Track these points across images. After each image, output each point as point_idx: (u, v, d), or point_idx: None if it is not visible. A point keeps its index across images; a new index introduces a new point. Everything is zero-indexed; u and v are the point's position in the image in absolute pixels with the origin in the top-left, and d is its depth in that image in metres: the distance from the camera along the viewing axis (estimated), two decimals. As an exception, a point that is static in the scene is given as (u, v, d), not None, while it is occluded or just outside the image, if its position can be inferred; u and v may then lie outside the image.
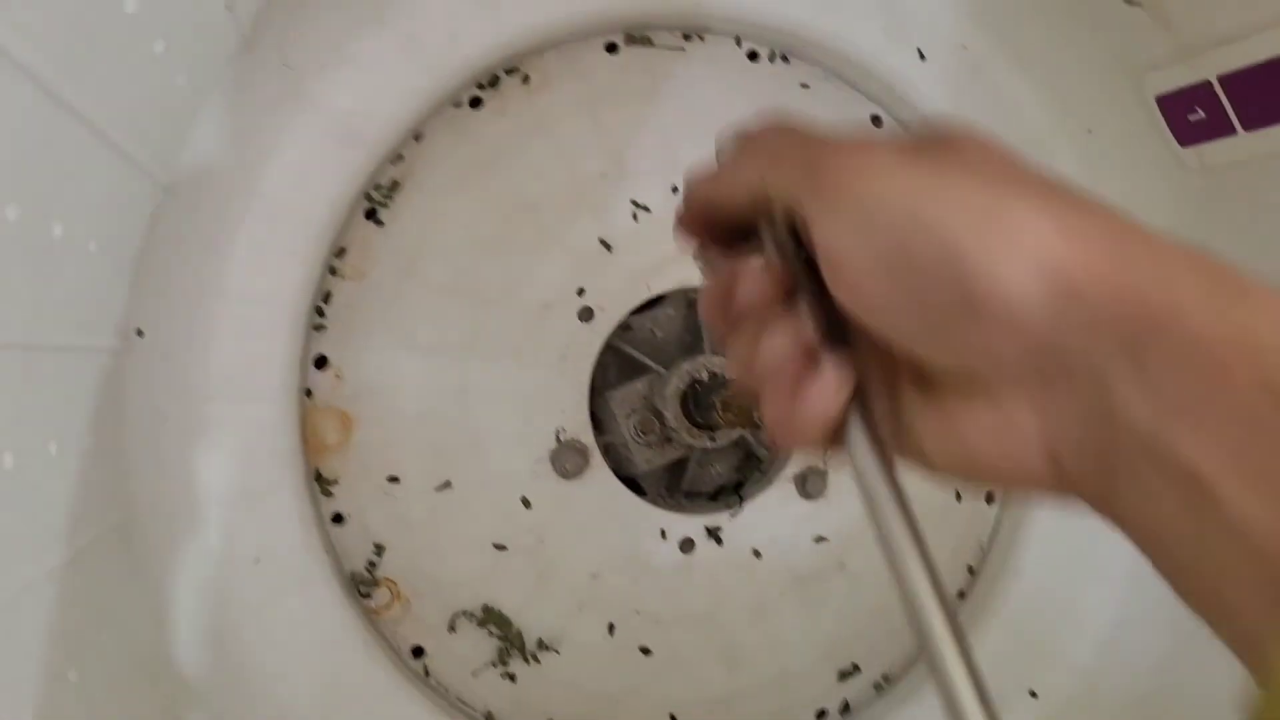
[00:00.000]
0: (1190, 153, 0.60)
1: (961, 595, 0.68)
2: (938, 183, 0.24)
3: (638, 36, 0.64)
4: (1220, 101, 0.56)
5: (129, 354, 0.49)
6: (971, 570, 0.69)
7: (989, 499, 0.69)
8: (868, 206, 0.25)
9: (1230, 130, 0.57)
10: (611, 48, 0.64)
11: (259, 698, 0.55)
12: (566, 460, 0.60)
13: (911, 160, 0.25)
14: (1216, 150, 0.58)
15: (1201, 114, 0.58)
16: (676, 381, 0.61)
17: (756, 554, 0.64)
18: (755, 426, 0.53)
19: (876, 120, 0.68)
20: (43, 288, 0.38)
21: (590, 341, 0.61)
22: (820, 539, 0.65)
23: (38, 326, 0.38)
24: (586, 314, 0.61)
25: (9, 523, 0.37)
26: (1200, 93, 0.57)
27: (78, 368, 0.44)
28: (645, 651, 0.62)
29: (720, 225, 0.31)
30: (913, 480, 0.26)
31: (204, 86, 0.48)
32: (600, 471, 0.61)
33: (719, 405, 0.56)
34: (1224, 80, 0.55)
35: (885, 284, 0.24)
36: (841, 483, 0.65)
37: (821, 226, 0.26)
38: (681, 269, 0.63)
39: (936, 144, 0.26)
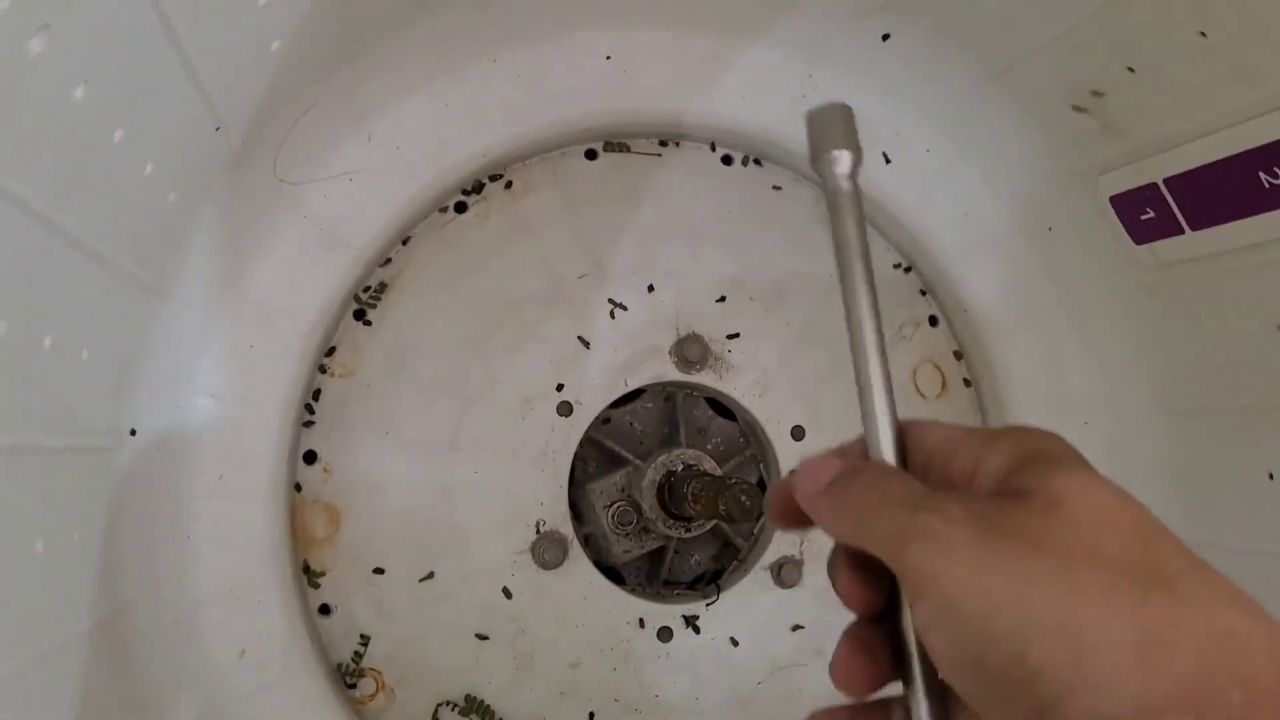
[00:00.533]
0: (1144, 250, 0.62)
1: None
2: (1014, 583, 0.23)
3: (616, 144, 0.67)
4: (1167, 202, 0.59)
5: (121, 453, 0.51)
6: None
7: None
8: (945, 610, 0.24)
9: (1179, 230, 0.59)
10: (591, 154, 0.67)
11: (244, 788, 0.56)
12: (546, 551, 0.62)
13: (989, 544, 0.24)
14: (1168, 249, 0.61)
15: (1151, 214, 0.60)
16: (652, 474, 0.63)
17: (734, 642, 0.65)
18: (724, 518, 0.55)
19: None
20: (32, 395, 0.41)
21: (569, 435, 0.63)
22: (797, 627, 0.66)
23: (26, 430, 0.40)
24: (565, 409, 0.63)
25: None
26: (1148, 194, 0.60)
27: (67, 468, 0.46)
28: (625, 740, 0.64)
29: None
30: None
31: (195, 200, 0.51)
32: (579, 562, 0.63)
33: (689, 496, 0.58)
34: (1169, 183, 0.58)
35: (968, 682, 0.24)
36: (816, 570, 0.66)
37: (913, 611, 0.26)
38: (657, 364, 0.65)
39: (1019, 505, 0.25)
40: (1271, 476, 0.58)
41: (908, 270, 0.72)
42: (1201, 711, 0.21)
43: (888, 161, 0.68)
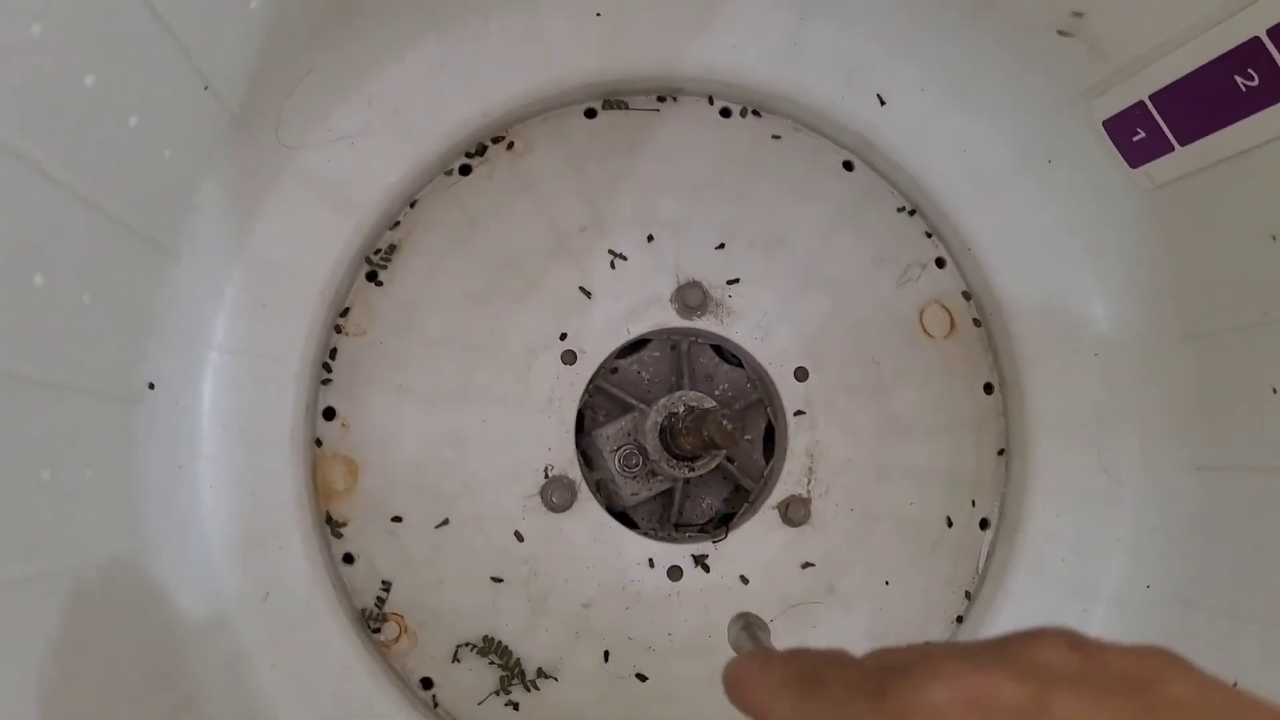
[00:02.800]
0: (1140, 173, 0.62)
1: (960, 620, 0.69)
2: None
3: (615, 101, 0.69)
4: (1155, 120, 0.59)
5: (140, 404, 0.55)
6: (969, 595, 0.70)
7: (983, 525, 0.70)
8: None
9: (1169, 147, 0.59)
10: (590, 113, 0.69)
11: (271, 724, 0.59)
12: (555, 494, 0.64)
13: None
14: (1161, 168, 0.60)
15: (1142, 134, 0.60)
16: (655, 416, 0.64)
17: (744, 580, 0.66)
18: (710, 444, 0.56)
19: (848, 165, 0.72)
20: (51, 339, 0.44)
21: (574, 382, 0.65)
22: (807, 564, 0.67)
23: (44, 367, 0.44)
24: (569, 357, 0.65)
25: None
26: (1138, 113, 0.59)
27: (83, 409, 0.49)
28: (641, 678, 0.65)
29: None
30: (907, 505, 0.28)
31: (197, 161, 0.54)
32: (588, 504, 0.65)
33: (683, 431, 0.60)
34: (1155, 99, 0.58)
35: None
36: (823, 510, 0.67)
37: None
38: (659, 312, 0.67)
39: None
40: (1275, 391, 0.58)
41: (912, 213, 0.72)
42: None
43: (883, 104, 0.68)
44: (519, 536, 0.64)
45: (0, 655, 0.40)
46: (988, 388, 0.72)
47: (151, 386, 0.56)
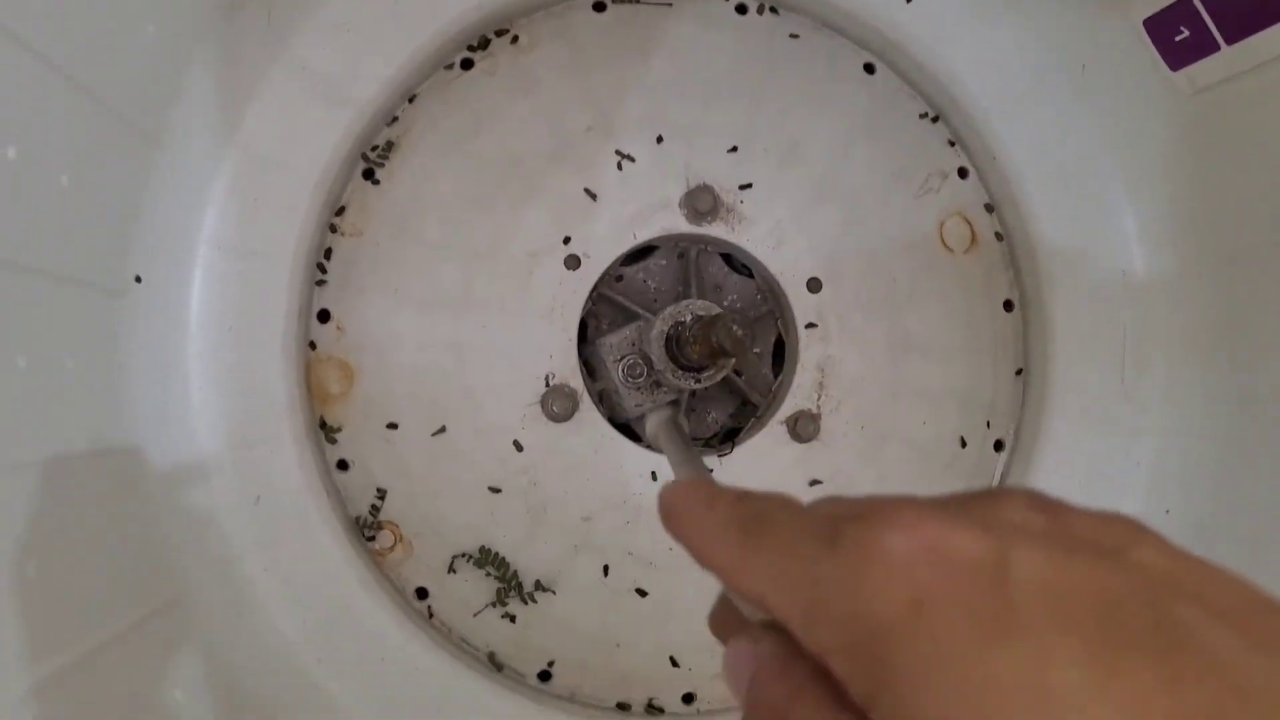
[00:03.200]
0: (1181, 76, 0.58)
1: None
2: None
3: (625, -5, 0.66)
4: (1201, 16, 0.55)
5: (127, 297, 0.53)
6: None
7: (997, 446, 0.68)
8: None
9: (1214, 46, 0.55)
10: (599, 7, 0.66)
11: (261, 629, 0.58)
12: (555, 403, 0.62)
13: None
14: (1204, 70, 0.57)
15: (1186, 33, 0.56)
16: (660, 325, 0.62)
17: (749, 497, 0.64)
18: (719, 352, 0.54)
19: (869, 68, 0.68)
20: (36, 221, 0.42)
21: (577, 289, 0.63)
22: (815, 481, 0.65)
23: (25, 251, 0.42)
24: (573, 262, 0.63)
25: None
26: (1182, 9, 0.56)
27: (64, 297, 0.47)
28: (641, 593, 0.63)
29: None
30: (920, 425, 0.26)
31: (184, 43, 0.51)
32: (590, 414, 0.63)
33: (691, 340, 0.57)
34: (1201, -6, 0.54)
35: None
36: (833, 427, 0.65)
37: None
38: (667, 216, 0.64)
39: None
40: (1314, 309, 0.55)
41: (935, 120, 0.69)
42: None
43: (908, 1, 0.65)
44: (518, 446, 0.62)
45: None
46: (1007, 305, 0.69)
47: (138, 279, 0.54)
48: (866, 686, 0.19)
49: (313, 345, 0.62)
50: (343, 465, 0.62)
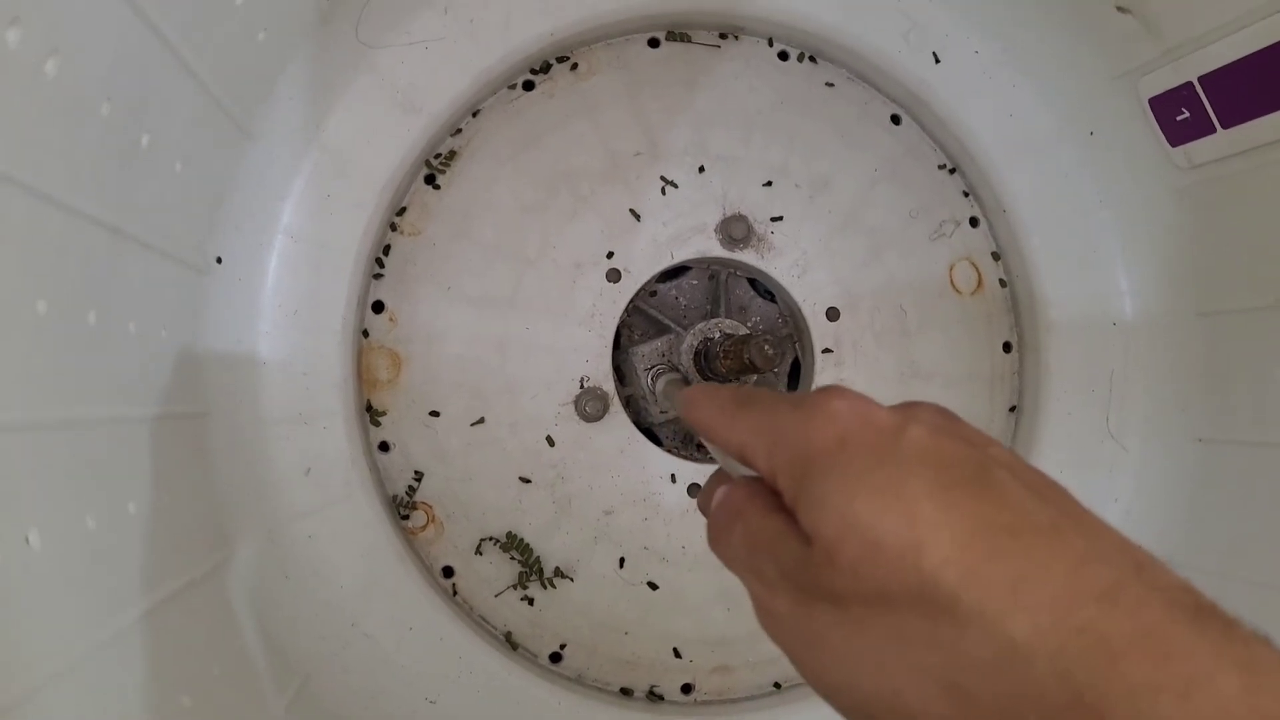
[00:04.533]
0: (1179, 152, 0.64)
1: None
2: (835, 663, 0.28)
3: (678, 34, 0.71)
4: (1201, 101, 0.61)
5: (208, 275, 0.57)
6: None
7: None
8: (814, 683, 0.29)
9: (1211, 128, 0.61)
10: (654, 43, 0.71)
11: (304, 588, 0.62)
12: (588, 404, 0.67)
13: (803, 619, 0.28)
14: (1201, 149, 0.63)
15: (1186, 114, 0.62)
16: (691, 339, 0.67)
17: (759, 504, 0.69)
18: (750, 368, 0.59)
19: (896, 119, 0.74)
20: (136, 195, 0.46)
21: (616, 300, 0.68)
22: (819, 495, 0.70)
23: (123, 215, 0.46)
24: (614, 275, 0.68)
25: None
26: (1184, 93, 0.62)
27: (158, 273, 0.52)
28: (653, 586, 0.68)
29: None
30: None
31: (284, 48, 0.56)
32: (618, 417, 0.68)
33: (721, 354, 0.63)
34: (1203, 80, 0.60)
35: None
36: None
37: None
38: (703, 240, 0.69)
39: (810, 559, 0.28)
40: (1285, 370, 0.61)
41: (952, 171, 0.75)
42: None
43: (937, 62, 0.71)
44: (550, 441, 0.67)
45: (72, 490, 0.43)
46: (1006, 346, 0.75)
47: (219, 261, 0.59)
48: (796, 490, 0.28)
49: (365, 333, 0.67)
50: (384, 447, 0.67)
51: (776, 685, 0.71)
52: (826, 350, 0.71)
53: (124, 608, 0.44)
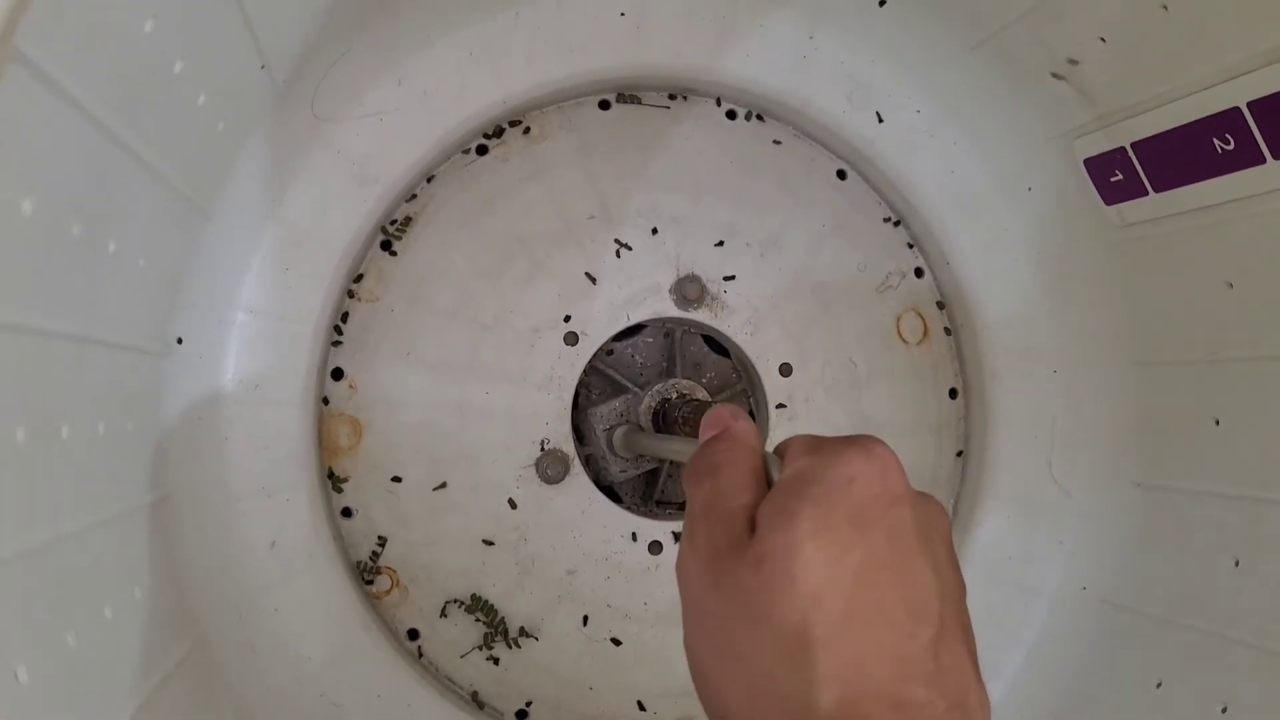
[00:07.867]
0: (1113, 211, 0.67)
1: (909, 606, 0.75)
2: (713, 653, 0.34)
3: (628, 96, 0.73)
4: (1134, 165, 0.64)
5: (169, 358, 0.57)
6: (919, 583, 0.75)
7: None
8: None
9: (1143, 191, 0.64)
10: (604, 105, 0.72)
11: (272, 663, 0.63)
12: (549, 467, 0.68)
13: (706, 596, 0.34)
14: (1133, 209, 0.65)
15: (1120, 176, 0.65)
16: (649, 400, 0.68)
17: (718, 558, 0.71)
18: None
19: (842, 175, 0.76)
20: (97, 293, 0.46)
21: (574, 363, 0.69)
22: (777, 547, 0.72)
23: (92, 324, 0.46)
24: (572, 338, 0.69)
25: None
26: (1118, 157, 0.64)
27: (124, 365, 0.52)
28: (616, 643, 0.70)
29: None
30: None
31: (242, 131, 0.56)
32: (580, 478, 0.69)
33: (680, 419, 0.64)
34: (1136, 147, 0.63)
35: None
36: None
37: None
38: (658, 301, 0.71)
39: (739, 553, 0.33)
40: (1218, 423, 0.63)
41: (897, 224, 0.77)
42: None
43: (880, 120, 0.73)
44: (512, 504, 0.68)
45: (53, 611, 0.43)
46: (952, 392, 0.77)
47: (180, 341, 0.59)
48: (791, 486, 0.33)
49: (326, 401, 0.67)
50: (347, 513, 0.67)
51: (739, 733, 0.72)
52: (780, 405, 0.72)
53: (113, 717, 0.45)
